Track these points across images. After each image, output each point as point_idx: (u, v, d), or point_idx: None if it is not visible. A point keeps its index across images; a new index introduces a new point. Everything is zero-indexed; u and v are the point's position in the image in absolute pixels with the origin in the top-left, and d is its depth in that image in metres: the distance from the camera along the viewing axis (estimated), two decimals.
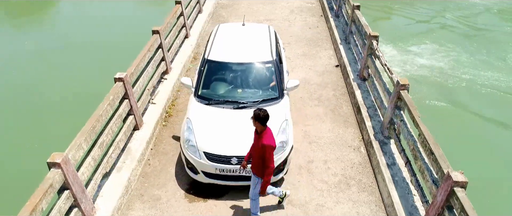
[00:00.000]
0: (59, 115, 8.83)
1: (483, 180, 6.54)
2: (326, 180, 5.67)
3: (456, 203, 3.84)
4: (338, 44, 9.85)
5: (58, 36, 13.59)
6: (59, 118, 8.65)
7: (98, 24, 14.68)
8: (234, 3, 13.48)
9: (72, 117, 8.56)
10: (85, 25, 14.69)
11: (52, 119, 8.68)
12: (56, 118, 8.70)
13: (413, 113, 5.19)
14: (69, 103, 9.26)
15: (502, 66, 11.93)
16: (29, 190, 3.92)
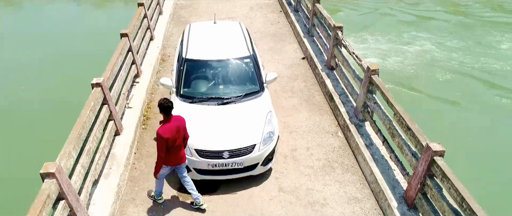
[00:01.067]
0: (32, 124, 8.45)
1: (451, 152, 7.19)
2: (311, 165, 5.96)
3: (437, 170, 4.27)
4: (301, 37, 10.22)
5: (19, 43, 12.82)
6: (33, 127, 8.29)
7: (51, 31, 13.95)
8: (192, 3, 13.44)
9: (45, 126, 8.26)
10: (40, 32, 13.91)
11: (26, 129, 8.29)
12: (29, 127, 8.33)
13: (387, 95, 5.61)
14: (41, 112, 8.90)
15: (444, 49, 13.02)
16: (13, 200, 3.77)
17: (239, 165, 5.19)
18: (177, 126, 4.50)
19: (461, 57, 12.37)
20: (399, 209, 4.89)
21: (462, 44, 13.42)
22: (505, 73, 11.49)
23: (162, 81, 5.93)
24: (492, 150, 7.99)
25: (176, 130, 4.48)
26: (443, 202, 4.20)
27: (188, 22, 11.66)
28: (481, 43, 13.53)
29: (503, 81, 10.99)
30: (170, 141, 4.44)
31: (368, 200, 5.34)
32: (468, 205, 3.76)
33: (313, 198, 5.35)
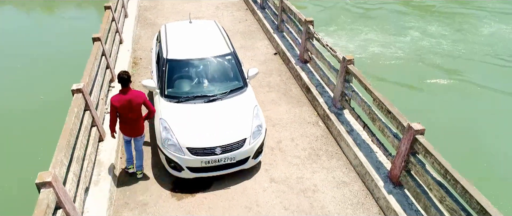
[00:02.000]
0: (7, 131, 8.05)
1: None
2: (298, 155, 6.17)
3: (420, 147, 4.62)
4: (271, 33, 10.44)
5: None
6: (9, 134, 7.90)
7: (7, 42, 13.16)
8: (156, 4, 13.24)
9: (21, 134, 7.88)
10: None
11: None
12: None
13: (364, 82, 5.94)
14: (14, 119, 8.45)
15: (397, 38, 13.83)
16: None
17: (232, 160, 5.29)
18: (130, 100, 4.88)
19: (416, 46, 13.19)
20: (385, 187, 5.22)
21: (416, 33, 14.30)
22: (453, 57, 12.41)
23: (145, 83, 5.87)
24: (456, 126, 8.65)
25: (127, 102, 4.88)
26: (427, 176, 4.55)
27: (154, 24, 11.51)
28: (432, 32, 14.49)
29: (454, 64, 11.89)
30: (120, 110, 4.92)
31: (355, 182, 5.64)
32: (451, 175, 4.12)
33: (304, 185, 5.56)
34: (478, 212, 3.80)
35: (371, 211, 5.16)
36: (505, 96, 10.42)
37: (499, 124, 9.01)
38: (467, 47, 13.26)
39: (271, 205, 5.22)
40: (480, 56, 12.65)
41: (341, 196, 5.39)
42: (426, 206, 4.63)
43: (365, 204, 5.27)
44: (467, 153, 7.87)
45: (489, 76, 11.30)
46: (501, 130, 8.80)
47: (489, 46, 13.42)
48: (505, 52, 12.99)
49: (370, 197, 5.37)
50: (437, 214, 4.44)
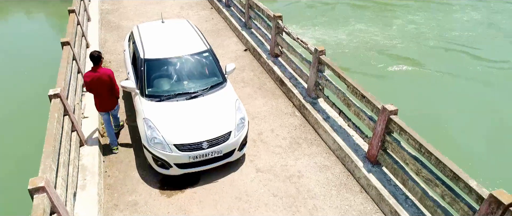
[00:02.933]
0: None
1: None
2: (280, 144, 6.41)
3: (395, 126, 5.01)
4: (239, 31, 10.61)
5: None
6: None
7: None
8: (118, 7, 12.96)
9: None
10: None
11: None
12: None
13: (338, 71, 6.28)
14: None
15: (356, 30, 14.52)
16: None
17: (219, 153, 5.42)
18: (99, 76, 5.46)
19: (374, 36, 13.92)
20: (365, 167, 5.58)
21: (371, 25, 15.07)
22: (402, 46, 13.25)
23: (124, 84, 5.84)
24: (417, 110, 9.30)
25: (97, 79, 5.46)
26: (403, 152, 4.95)
27: (119, 27, 11.29)
28: (381, 23, 15.34)
29: (407, 52, 12.71)
30: (91, 86, 5.53)
31: (336, 165, 5.96)
32: (425, 149, 4.53)
33: (289, 172, 5.81)
34: (452, 179, 4.22)
35: (353, 190, 5.50)
36: (457, 79, 11.29)
37: (454, 105, 9.77)
38: (421, 36, 14.17)
39: (260, 194, 5.41)
40: (433, 44, 13.58)
41: (325, 179, 5.69)
42: (403, 180, 5.03)
43: (348, 184, 5.60)
44: (429, 134, 8.49)
45: (441, 62, 12.18)
46: (456, 110, 9.56)
47: (440, 34, 14.43)
48: (454, 40, 14.03)
49: (351, 178, 5.71)
50: (414, 186, 4.84)
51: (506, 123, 9.18)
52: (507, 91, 10.72)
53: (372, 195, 5.33)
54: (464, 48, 13.31)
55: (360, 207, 5.21)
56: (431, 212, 4.62)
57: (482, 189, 3.91)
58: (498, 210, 3.66)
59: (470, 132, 8.76)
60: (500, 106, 9.88)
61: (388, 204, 5.03)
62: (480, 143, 8.44)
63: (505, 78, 11.42)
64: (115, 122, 6.43)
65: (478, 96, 10.33)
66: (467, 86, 10.89)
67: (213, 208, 5.17)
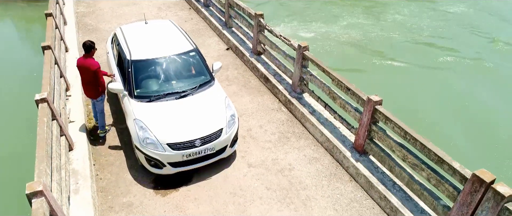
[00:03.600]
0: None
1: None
2: (269, 139, 6.55)
3: (380, 116, 5.25)
4: (220, 30, 10.67)
5: None
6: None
7: None
8: (94, 10, 12.72)
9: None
10: None
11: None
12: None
13: (322, 65, 6.48)
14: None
15: (331, 27, 14.89)
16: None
17: (211, 150, 5.50)
18: (86, 65, 5.74)
19: (347, 32, 14.32)
20: (353, 157, 5.80)
21: (345, 21, 15.49)
22: (378, 41, 13.72)
23: (112, 86, 5.82)
24: (395, 101, 9.67)
25: (84, 66, 5.77)
26: (389, 140, 5.19)
27: (97, 29, 11.11)
28: (359, 21, 15.80)
29: (380, 47, 13.16)
30: (79, 70, 5.89)
31: (325, 157, 6.16)
32: (410, 135, 4.78)
33: (280, 166, 5.96)
34: (436, 162, 4.48)
35: (343, 180, 5.71)
36: (426, 70, 11.78)
37: (430, 96, 10.23)
38: (392, 32, 14.68)
39: (253, 188, 5.53)
40: (400, 39, 14.11)
41: (315, 171, 5.88)
42: (390, 167, 5.28)
43: (337, 174, 5.81)
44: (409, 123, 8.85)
45: (417, 55, 12.68)
46: (433, 100, 10.01)
47: (406, 29, 15.00)
48: (422, 33, 14.63)
49: (340, 168, 5.93)
50: (401, 172, 5.10)
51: (478, 112, 9.70)
52: (478, 81, 11.30)
53: (361, 183, 5.56)
54: (441, 41, 13.90)
55: (350, 195, 5.43)
56: (418, 195, 4.89)
57: (465, 170, 4.19)
58: (481, 188, 3.93)
59: (447, 121, 9.20)
60: (472, 95, 10.42)
61: (377, 191, 5.27)
62: (456, 131, 8.89)
63: (476, 69, 12.04)
64: (100, 122, 6.45)
65: (452, 86, 10.85)
66: (441, 77, 11.40)
67: (208, 204, 5.25)
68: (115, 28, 11.11)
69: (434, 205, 4.66)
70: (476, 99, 10.20)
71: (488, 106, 9.97)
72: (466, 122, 9.18)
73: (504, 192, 3.74)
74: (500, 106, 10.03)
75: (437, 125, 8.95)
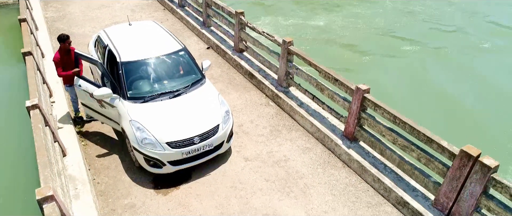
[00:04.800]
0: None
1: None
2: (261, 133, 6.72)
3: (369, 103, 5.55)
4: (199, 30, 10.70)
5: None
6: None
7: None
8: (65, 14, 12.34)
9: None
10: None
11: None
12: None
13: (308, 59, 6.72)
14: None
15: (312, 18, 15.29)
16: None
17: (210, 146, 5.59)
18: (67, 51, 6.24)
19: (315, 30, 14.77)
20: (344, 144, 6.09)
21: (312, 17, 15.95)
22: (337, 35, 14.27)
23: (99, 93, 5.62)
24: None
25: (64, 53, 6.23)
26: (379, 126, 5.51)
27: (70, 33, 10.72)
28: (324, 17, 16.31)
29: (347, 39, 13.69)
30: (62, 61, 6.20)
31: (317, 146, 6.42)
32: (400, 119, 5.11)
33: (275, 158, 6.15)
34: (426, 142, 4.83)
35: (337, 166, 5.99)
36: (390, 59, 12.38)
37: (398, 83, 10.76)
38: (356, 27, 15.27)
39: (253, 180, 5.68)
40: (364, 33, 14.72)
41: (309, 160, 6.11)
42: (381, 151, 5.60)
43: (331, 162, 6.08)
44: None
45: (377, 47, 13.26)
46: (400, 87, 10.53)
47: (370, 24, 15.67)
48: (388, 27, 15.32)
49: (333, 155, 6.20)
50: (391, 154, 5.43)
51: (444, 95, 10.33)
52: (439, 67, 12.01)
53: (354, 168, 5.85)
54: (402, 33, 14.61)
55: (345, 180, 5.71)
56: (409, 174, 5.24)
57: (453, 147, 4.56)
58: (469, 162, 4.31)
59: (417, 105, 9.74)
60: (437, 82, 11.08)
61: (370, 174, 5.58)
62: (427, 114, 9.42)
63: (437, 57, 12.78)
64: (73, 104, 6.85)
65: (417, 73, 11.46)
66: (406, 65, 12.00)
67: (211, 199, 5.35)
68: (89, 32, 10.91)
69: (425, 183, 5.02)
70: (440, 84, 10.84)
71: (452, 90, 10.64)
72: (434, 106, 9.72)
73: (490, 164, 4.13)
74: (459, 88, 10.71)
75: (410, 110, 9.44)
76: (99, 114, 6.24)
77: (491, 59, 12.39)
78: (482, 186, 4.25)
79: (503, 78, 11.20)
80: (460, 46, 13.33)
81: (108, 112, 6.01)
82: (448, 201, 4.72)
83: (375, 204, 5.31)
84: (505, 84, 10.87)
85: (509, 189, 4.04)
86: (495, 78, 11.10)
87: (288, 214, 5.13)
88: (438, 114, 9.37)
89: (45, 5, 13.02)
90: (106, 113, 6.07)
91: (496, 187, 4.16)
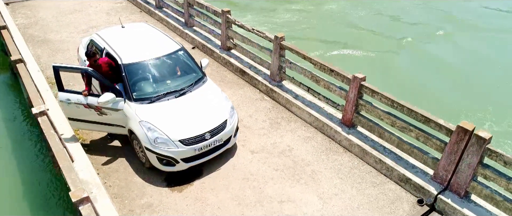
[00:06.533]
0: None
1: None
2: (262, 126, 6.96)
3: (367, 90, 5.95)
4: (181, 30, 10.73)
5: None
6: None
7: None
8: (36, 20, 11.88)
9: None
10: None
11: None
12: None
13: (301, 52, 7.03)
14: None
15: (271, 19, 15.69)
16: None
17: (219, 141, 5.76)
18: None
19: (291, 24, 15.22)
20: (343, 131, 6.46)
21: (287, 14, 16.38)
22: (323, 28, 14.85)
23: (103, 99, 5.54)
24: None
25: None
26: (377, 110, 5.92)
27: (47, 40, 10.47)
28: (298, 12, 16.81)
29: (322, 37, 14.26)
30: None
31: (317, 135, 6.75)
32: (398, 103, 5.54)
33: (280, 148, 6.41)
34: (423, 122, 5.28)
35: (338, 152, 6.35)
36: (367, 52, 13.06)
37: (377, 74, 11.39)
38: (330, 23, 15.88)
39: (263, 171, 5.91)
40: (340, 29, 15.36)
41: (312, 148, 6.43)
42: (380, 134, 6.02)
43: (332, 148, 6.43)
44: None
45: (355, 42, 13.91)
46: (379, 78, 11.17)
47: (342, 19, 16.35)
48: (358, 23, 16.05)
49: (334, 142, 6.56)
50: (390, 136, 5.86)
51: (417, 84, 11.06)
52: (413, 58, 12.82)
53: (356, 152, 6.24)
54: (378, 29, 15.36)
55: (349, 164, 6.08)
56: (409, 153, 5.69)
57: (449, 124, 5.03)
58: (466, 136, 4.79)
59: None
60: (411, 71, 11.82)
61: (371, 156, 5.98)
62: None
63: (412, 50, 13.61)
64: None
65: (392, 65, 12.17)
66: (382, 58, 12.70)
67: (226, 191, 5.53)
68: (67, 37, 10.63)
69: (424, 159, 5.49)
70: (415, 74, 11.60)
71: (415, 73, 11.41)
72: (401, 90, 10.36)
73: (485, 136, 4.62)
74: (420, 71, 11.52)
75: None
76: (94, 124, 6.10)
77: (446, 44, 13.47)
78: (478, 156, 4.74)
79: (456, 58, 12.21)
80: (418, 34, 14.28)
81: (108, 118, 5.94)
82: (446, 174, 5.20)
83: (379, 183, 5.72)
84: (457, 62, 11.85)
85: (503, 157, 4.55)
86: (451, 60, 12.09)
87: (302, 199, 5.41)
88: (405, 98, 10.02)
89: (13, 11, 12.47)
90: (106, 120, 5.99)
91: (491, 156, 4.66)
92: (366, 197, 5.47)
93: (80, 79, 8.13)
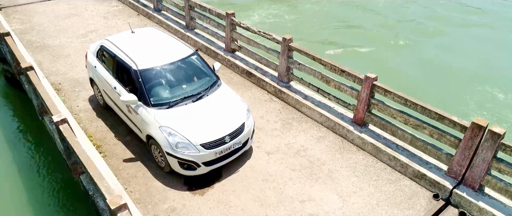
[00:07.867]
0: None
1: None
2: (274, 127, 7.06)
3: (379, 89, 6.12)
4: (183, 33, 10.73)
5: None
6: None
7: None
8: (33, 25, 11.68)
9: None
10: None
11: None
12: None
13: (311, 54, 7.16)
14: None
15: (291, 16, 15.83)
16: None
17: (239, 144, 5.84)
18: None
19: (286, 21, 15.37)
20: (355, 130, 6.62)
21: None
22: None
23: (125, 99, 5.74)
24: None
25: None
26: (390, 109, 6.10)
27: (46, 46, 10.33)
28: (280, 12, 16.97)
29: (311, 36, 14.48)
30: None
31: (330, 134, 6.89)
32: (411, 101, 5.72)
33: (295, 148, 6.53)
34: (437, 120, 5.47)
35: (352, 151, 6.50)
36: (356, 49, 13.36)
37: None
38: (315, 21, 16.10)
39: (281, 171, 6.02)
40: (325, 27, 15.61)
41: (325, 147, 6.57)
42: (393, 132, 6.20)
43: (345, 147, 6.58)
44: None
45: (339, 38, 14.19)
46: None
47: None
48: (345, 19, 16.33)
49: (347, 141, 6.71)
50: (403, 134, 6.04)
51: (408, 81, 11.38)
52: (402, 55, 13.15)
53: (369, 150, 6.40)
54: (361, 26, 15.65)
55: (364, 162, 6.24)
56: (422, 150, 5.88)
57: (463, 121, 5.23)
58: (480, 132, 4.99)
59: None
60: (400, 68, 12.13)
61: (385, 154, 6.15)
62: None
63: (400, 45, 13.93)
64: None
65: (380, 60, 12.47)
66: (369, 54, 12.99)
67: (247, 193, 5.61)
68: (66, 42, 10.51)
69: (438, 155, 5.68)
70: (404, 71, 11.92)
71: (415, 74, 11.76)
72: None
73: (500, 131, 4.83)
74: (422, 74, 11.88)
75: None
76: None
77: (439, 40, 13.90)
78: (493, 151, 4.95)
79: (443, 55, 12.63)
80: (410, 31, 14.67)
81: (132, 117, 6.17)
82: (461, 169, 5.41)
83: (395, 180, 5.90)
84: (444, 59, 12.25)
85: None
86: (440, 55, 12.49)
87: (323, 198, 5.55)
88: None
89: (7, 17, 12.23)
90: (130, 117, 6.27)
91: (506, 150, 4.88)
92: (383, 194, 5.63)
93: (87, 85, 8.11)
